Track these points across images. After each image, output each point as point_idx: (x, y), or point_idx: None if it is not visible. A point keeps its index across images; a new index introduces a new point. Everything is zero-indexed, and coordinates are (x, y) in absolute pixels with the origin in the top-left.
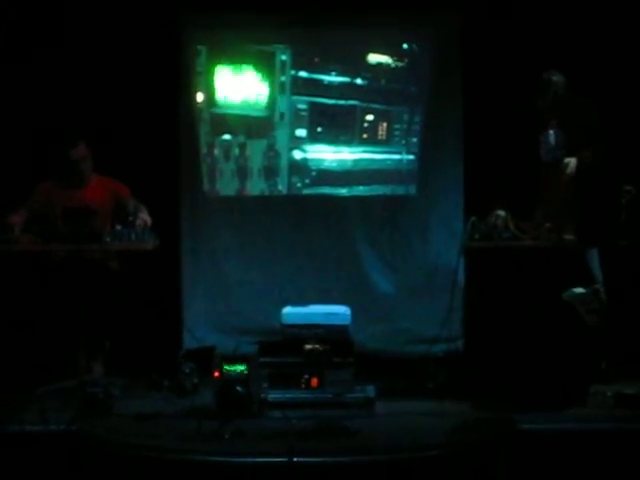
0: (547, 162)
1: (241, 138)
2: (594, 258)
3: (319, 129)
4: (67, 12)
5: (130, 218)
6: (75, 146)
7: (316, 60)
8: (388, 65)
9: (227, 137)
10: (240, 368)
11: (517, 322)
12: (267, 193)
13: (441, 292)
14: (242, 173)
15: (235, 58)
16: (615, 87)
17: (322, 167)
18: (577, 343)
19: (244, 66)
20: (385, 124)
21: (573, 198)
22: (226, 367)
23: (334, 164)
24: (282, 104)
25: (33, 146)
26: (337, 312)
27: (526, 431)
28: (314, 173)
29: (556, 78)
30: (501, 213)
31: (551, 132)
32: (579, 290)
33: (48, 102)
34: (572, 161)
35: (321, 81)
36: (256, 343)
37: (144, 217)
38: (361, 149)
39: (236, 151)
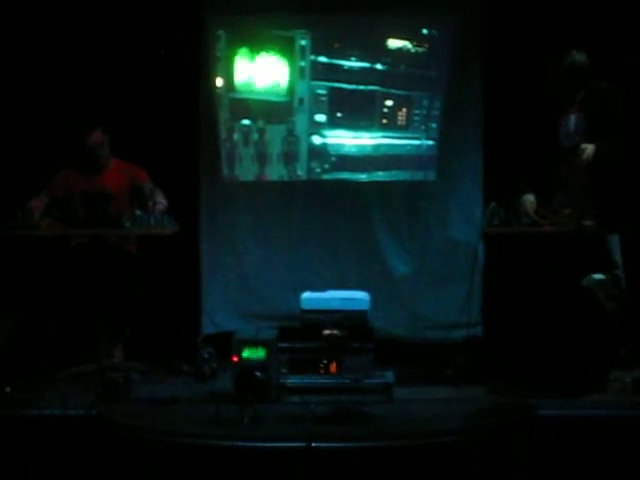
0: (566, 147)
1: (260, 123)
2: (615, 244)
3: (338, 114)
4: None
5: (150, 203)
6: (91, 132)
7: (336, 45)
8: (408, 50)
9: (246, 122)
10: (259, 353)
11: (536, 308)
12: (286, 178)
13: (460, 278)
14: (261, 158)
15: (255, 43)
16: (636, 69)
17: (341, 152)
18: (596, 329)
19: (264, 51)
20: (405, 109)
21: (592, 184)
22: (245, 352)
23: (353, 149)
24: (301, 89)
25: (53, 132)
26: (356, 297)
27: (545, 417)
28: (333, 158)
29: (579, 58)
30: (529, 197)
31: (572, 117)
32: (598, 276)
33: (68, 88)
34: (589, 147)
35: (341, 66)
36: (275, 328)
37: (161, 201)
38: (380, 134)
39: (255, 136)
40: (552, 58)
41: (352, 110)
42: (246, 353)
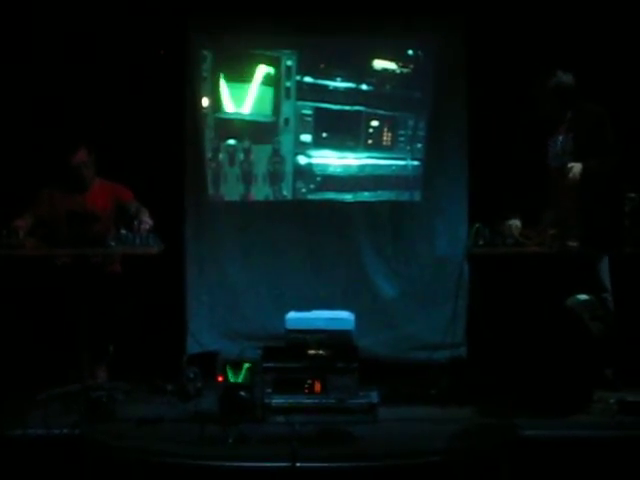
0: (553, 167)
1: (246, 143)
2: (603, 266)
3: (324, 134)
4: (72, 15)
5: (135, 222)
6: (76, 151)
7: (321, 66)
8: (393, 71)
9: (232, 142)
10: (244, 373)
11: (521, 329)
12: (272, 198)
13: (445, 298)
14: (247, 178)
15: (241, 63)
16: (621, 90)
17: (327, 172)
18: (581, 350)
19: (249, 71)
20: (390, 130)
21: (578, 204)
22: (230, 372)
23: (339, 169)
24: (287, 109)
25: (38, 151)
26: (341, 317)
27: (529, 437)
28: (319, 178)
29: (566, 78)
30: (515, 222)
31: (560, 137)
32: (583, 297)
33: (53, 107)
34: (576, 166)
35: (326, 86)
36: (260, 348)
37: (147, 220)
38: (366, 155)
39: (241, 156)
40: (538, 79)
41: (337, 130)
42: (231, 373)
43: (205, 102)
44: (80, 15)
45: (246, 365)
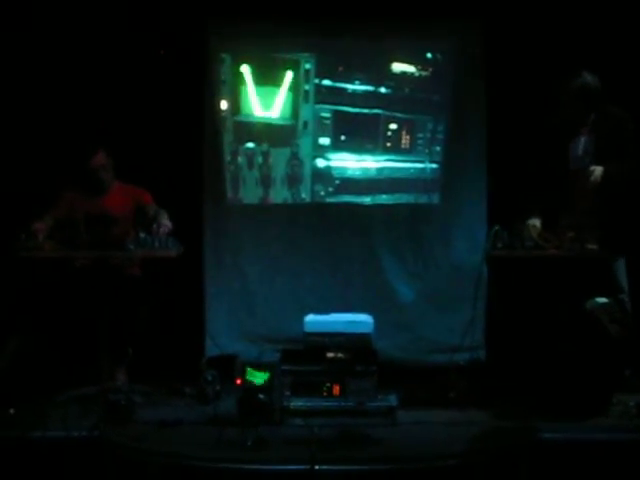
0: (574, 170)
1: (264, 146)
2: (621, 268)
3: (342, 137)
4: (92, 19)
5: (154, 225)
6: (94, 154)
7: (340, 69)
8: (412, 74)
9: (251, 145)
10: (262, 376)
11: (539, 331)
12: (290, 201)
13: (463, 301)
14: (265, 181)
15: (259, 66)
16: None
17: (345, 175)
18: (600, 353)
19: (268, 74)
20: (409, 133)
21: (597, 207)
22: (248, 375)
23: (357, 172)
24: (306, 112)
25: (57, 154)
26: (359, 320)
27: (547, 440)
28: (337, 181)
29: (591, 80)
30: (535, 222)
31: (582, 139)
32: (602, 300)
33: (72, 110)
34: (597, 169)
35: (345, 90)
36: (278, 351)
37: (166, 223)
38: (384, 158)
39: (259, 159)
40: (563, 79)
41: (356, 133)
42: (249, 376)
43: (224, 105)
44: (99, 18)
45: (265, 368)
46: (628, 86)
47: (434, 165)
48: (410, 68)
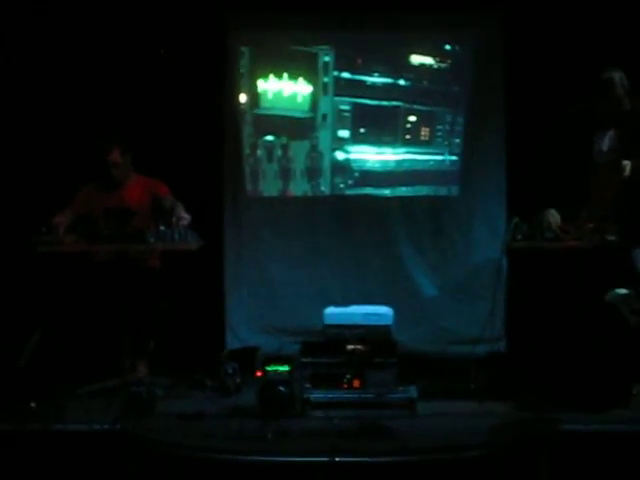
0: (599, 163)
1: (284, 139)
2: (639, 258)
3: (362, 130)
4: (111, 15)
5: (173, 218)
6: (109, 152)
7: (359, 61)
8: (431, 66)
9: (270, 138)
10: (283, 368)
11: (559, 323)
12: (310, 194)
13: (483, 293)
14: (285, 174)
15: (278, 59)
16: None
17: (365, 168)
18: (620, 343)
19: (287, 67)
20: (428, 125)
21: (619, 199)
22: (269, 367)
23: (377, 165)
24: (325, 105)
25: (76, 148)
26: (379, 312)
27: (568, 432)
28: (357, 174)
29: (617, 75)
30: (552, 211)
31: (607, 134)
32: (622, 291)
33: (92, 105)
34: (629, 164)
35: (364, 82)
36: (298, 343)
37: (184, 215)
38: (404, 150)
39: (279, 152)
40: (599, 73)
41: (375, 126)
42: (270, 368)
43: (243, 98)
44: (117, 13)
45: (285, 360)
46: None
47: (453, 157)
48: (429, 60)
